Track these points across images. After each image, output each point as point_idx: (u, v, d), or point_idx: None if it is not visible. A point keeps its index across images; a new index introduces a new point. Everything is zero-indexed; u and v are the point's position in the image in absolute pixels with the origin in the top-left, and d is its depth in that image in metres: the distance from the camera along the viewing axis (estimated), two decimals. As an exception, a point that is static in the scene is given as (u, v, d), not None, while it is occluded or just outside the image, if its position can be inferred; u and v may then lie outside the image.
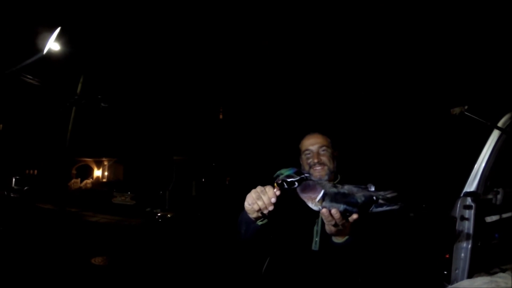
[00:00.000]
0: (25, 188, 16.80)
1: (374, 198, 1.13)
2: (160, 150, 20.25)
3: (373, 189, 1.16)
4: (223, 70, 18.57)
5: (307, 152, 1.61)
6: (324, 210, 1.11)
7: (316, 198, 1.13)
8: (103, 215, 13.08)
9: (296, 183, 1.16)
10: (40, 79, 11.03)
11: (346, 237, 1.27)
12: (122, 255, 6.43)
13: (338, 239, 1.28)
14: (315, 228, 1.47)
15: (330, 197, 1.12)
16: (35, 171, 24.70)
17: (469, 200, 2.05)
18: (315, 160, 1.56)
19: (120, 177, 24.21)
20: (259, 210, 1.22)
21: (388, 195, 1.15)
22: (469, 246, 2.01)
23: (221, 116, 20.33)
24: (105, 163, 25.90)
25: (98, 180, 25.39)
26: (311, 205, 1.16)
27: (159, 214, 11.20)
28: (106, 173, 25.87)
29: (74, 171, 25.43)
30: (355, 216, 1.12)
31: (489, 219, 2.12)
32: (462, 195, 2.09)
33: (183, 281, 4.85)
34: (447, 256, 2.06)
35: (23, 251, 6.12)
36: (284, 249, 1.51)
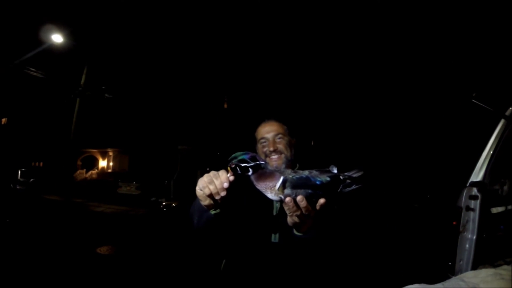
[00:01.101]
0: (31, 180, 16.95)
1: (341, 177, 1.04)
2: (164, 139, 20.32)
3: (335, 170, 1.06)
4: (227, 60, 18.52)
5: (262, 140, 1.50)
6: (288, 199, 0.99)
7: (275, 186, 0.99)
8: (108, 205, 13.18)
9: (251, 170, 1.03)
10: (44, 71, 11.06)
11: (309, 228, 1.13)
12: (128, 245, 6.48)
13: (300, 231, 1.14)
14: (274, 209, 1.37)
15: (292, 184, 0.99)
16: (41, 163, 24.89)
17: (475, 190, 2.01)
18: (271, 148, 1.45)
19: (125, 168, 24.35)
20: (211, 195, 1.10)
21: (354, 175, 1.07)
22: (474, 237, 1.98)
23: (225, 105, 20.28)
24: (110, 153, 26.02)
25: (103, 171, 25.55)
26: (269, 195, 1.02)
27: (164, 204, 11.25)
28: (111, 164, 26.00)
29: (79, 162, 25.60)
30: (322, 200, 1.00)
31: (494, 210, 2.09)
32: (468, 185, 2.05)
33: (188, 271, 4.87)
34: (452, 247, 2.04)
35: (30, 242, 6.19)
36: (241, 242, 1.39)
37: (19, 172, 17.15)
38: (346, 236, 1.36)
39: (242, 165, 1.04)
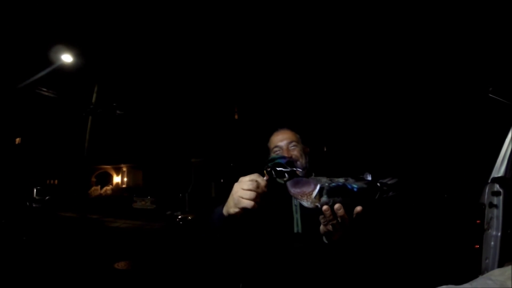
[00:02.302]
0: (47, 197, 17.17)
1: (378, 184, 1.01)
2: (177, 153, 20.48)
3: (370, 177, 1.03)
4: (236, 70, 18.66)
5: (276, 149, 1.47)
6: (325, 207, 0.95)
7: (311, 193, 0.95)
8: (124, 220, 13.29)
9: (286, 175, 0.98)
10: (56, 91, 11.29)
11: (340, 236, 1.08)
12: (145, 259, 6.49)
13: (331, 240, 1.10)
14: (295, 221, 1.32)
15: (328, 191, 0.95)
16: (56, 181, 25.25)
17: (497, 186, 1.96)
18: None
19: (139, 182, 24.56)
20: (252, 200, 0.99)
21: (390, 182, 1.04)
22: (499, 234, 1.92)
23: (236, 116, 20.37)
24: (124, 169, 26.30)
25: (117, 186, 25.82)
26: (305, 202, 0.97)
27: (179, 217, 11.25)
28: (125, 179, 26.26)
29: (93, 179, 25.94)
30: (359, 208, 0.97)
31: (518, 205, 2.03)
32: (489, 181, 2.00)
33: (205, 283, 4.85)
34: (477, 246, 1.98)
35: (47, 259, 6.25)
36: (262, 247, 1.33)
37: (35, 190, 17.38)
38: (377, 243, 1.33)
39: (278, 169, 0.99)
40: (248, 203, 0.99)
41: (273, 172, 1.00)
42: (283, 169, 0.99)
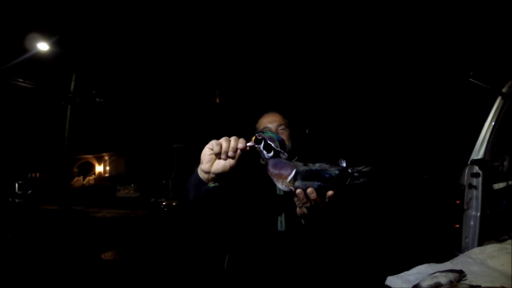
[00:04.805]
0: (29, 192, 16.85)
1: (350, 171, 1.06)
2: (159, 139, 20.24)
3: (344, 164, 1.08)
4: (216, 53, 18.43)
5: (265, 130, 1.44)
6: (298, 190, 0.98)
7: (287, 177, 0.98)
8: (108, 210, 13.19)
9: (272, 152, 1.00)
10: (33, 81, 10.95)
11: (317, 218, 1.14)
12: (132, 248, 6.49)
13: (308, 222, 1.17)
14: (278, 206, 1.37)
15: (302, 176, 0.99)
16: (37, 174, 24.69)
17: (476, 168, 2.04)
18: None
19: (122, 170, 24.24)
20: (219, 154, 1.00)
21: (363, 169, 1.09)
22: (478, 214, 2.01)
23: (217, 100, 20.20)
24: (106, 157, 25.86)
25: (100, 176, 25.42)
26: (280, 185, 1.01)
27: (164, 204, 11.25)
28: (107, 168, 25.85)
29: (75, 169, 25.45)
30: (330, 193, 1.02)
31: (496, 186, 2.11)
32: (469, 162, 2.07)
33: (192, 271, 4.88)
34: (457, 226, 2.06)
35: (33, 254, 6.17)
36: (245, 231, 1.39)
37: (16, 185, 17.03)
38: (352, 224, 1.39)
39: (269, 142, 1.00)
40: (207, 153, 1.01)
41: (263, 141, 1.01)
42: (273, 145, 1.00)
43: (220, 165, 1.01)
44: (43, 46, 10.85)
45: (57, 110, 12.93)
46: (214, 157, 1.01)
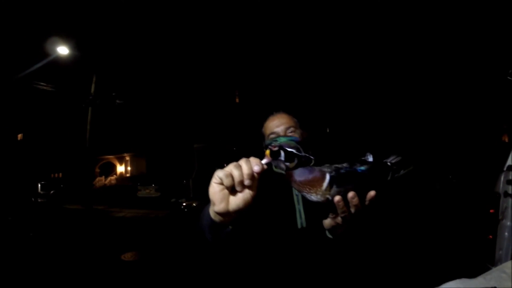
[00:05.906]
0: (51, 192, 17.34)
1: (388, 163, 0.89)
2: (179, 139, 20.45)
3: (371, 159, 0.88)
4: (235, 54, 18.44)
5: (272, 135, 1.32)
6: (337, 198, 0.80)
7: (322, 185, 0.79)
8: (129, 210, 13.35)
9: (296, 160, 0.79)
10: (54, 84, 11.21)
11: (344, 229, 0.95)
12: (152, 249, 6.50)
13: (335, 233, 0.98)
14: (298, 213, 1.18)
15: (338, 180, 0.80)
16: (60, 174, 25.43)
17: (513, 175, 1.88)
18: None
19: (143, 170, 24.63)
20: (231, 186, 0.76)
21: (394, 160, 0.91)
22: (514, 224, 1.85)
23: (237, 100, 20.23)
24: (127, 158, 26.34)
25: (121, 176, 25.92)
26: (314, 196, 0.80)
27: (184, 204, 11.28)
28: (129, 168, 26.33)
29: (97, 170, 26.05)
30: (372, 193, 0.83)
31: (535, 194, 1.95)
32: (505, 169, 1.92)
33: (213, 271, 4.83)
34: (490, 236, 1.92)
35: (55, 254, 6.27)
36: (264, 247, 1.17)
37: (39, 185, 17.55)
38: (385, 233, 1.23)
39: (289, 149, 0.80)
40: (216, 190, 0.78)
41: (282, 153, 0.80)
42: (296, 152, 0.80)
43: (240, 200, 0.78)
44: (63, 50, 11.07)
45: (79, 112, 13.23)
46: (227, 193, 0.78)
